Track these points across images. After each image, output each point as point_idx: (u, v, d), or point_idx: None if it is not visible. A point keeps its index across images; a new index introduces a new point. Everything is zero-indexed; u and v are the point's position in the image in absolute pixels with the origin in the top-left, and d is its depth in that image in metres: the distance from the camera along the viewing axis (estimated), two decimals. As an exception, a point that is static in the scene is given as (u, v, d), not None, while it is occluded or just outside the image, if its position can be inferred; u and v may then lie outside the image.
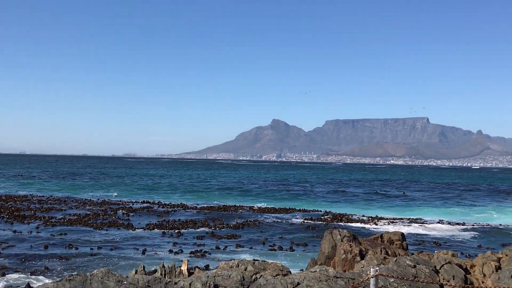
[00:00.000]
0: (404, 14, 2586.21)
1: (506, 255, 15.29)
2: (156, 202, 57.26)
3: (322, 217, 46.88)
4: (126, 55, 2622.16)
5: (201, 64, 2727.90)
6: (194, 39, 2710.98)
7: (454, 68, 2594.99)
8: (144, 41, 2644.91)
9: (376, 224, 42.74)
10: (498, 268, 14.55)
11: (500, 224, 44.90)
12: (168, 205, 54.22)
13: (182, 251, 28.36)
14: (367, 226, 41.63)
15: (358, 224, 42.49)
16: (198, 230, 37.07)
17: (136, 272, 16.28)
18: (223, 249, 29.46)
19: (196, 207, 53.20)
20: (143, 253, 27.57)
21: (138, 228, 37.24)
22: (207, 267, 23.41)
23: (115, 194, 69.69)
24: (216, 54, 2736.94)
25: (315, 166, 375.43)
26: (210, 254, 27.87)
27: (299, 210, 52.37)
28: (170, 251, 28.40)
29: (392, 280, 12.38)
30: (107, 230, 36.09)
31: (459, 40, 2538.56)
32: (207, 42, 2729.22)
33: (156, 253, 27.64)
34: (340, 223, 42.70)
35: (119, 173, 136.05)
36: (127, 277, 14.78)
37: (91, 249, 28.49)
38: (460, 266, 14.54)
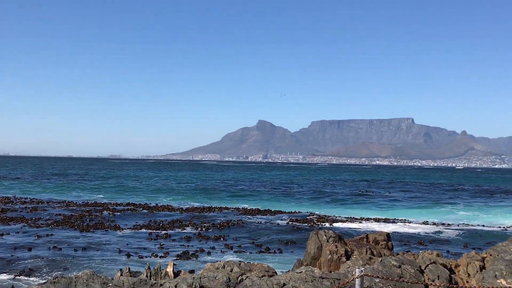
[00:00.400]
0: (389, 13, 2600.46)
1: (490, 255, 15.40)
2: (143, 203, 57.02)
3: (308, 218, 46.95)
4: (110, 55, 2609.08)
5: (187, 65, 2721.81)
6: (180, 39, 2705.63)
7: (439, 68, 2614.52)
8: (129, 40, 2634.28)
9: (362, 224, 42.93)
10: (482, 267, 14.65)
11: (484, 224, 45.28)
12: (154, 206, 54.00)
13: (168, 253, 28.25)
14: (352, 226, 41.77)
15: (344, 225, 42.62)
16: (185, 231, 36.96)
17: (121, 274, 16.20)
18: (210, 251, 29.39)
19: (182, 208, 53.05)
20: (129, 255, 27.43)
21: (124, 230, 37.06)
22: (193, 269, 23.35)
23: (101, 195, 69.31)
24: (201, 55, 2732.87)
25: (301, 167, 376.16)
26: (196, 255, 27.79)
27: (285, 212, 52.41)
28: (156, 253, 28.28)
29: (377, 280, 12.44)
30: (92, 231, 35.88)
31: (444, 40, 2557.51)
32: (192, 42, 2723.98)
33: (142, 255, 27.52)
34: (326, 224, 42.80)
35: (104, 175, 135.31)
36: (112, 279, 14.71)
37: (76, 250, 28.31)
38: (444, 266, 14.63)
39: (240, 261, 16.19)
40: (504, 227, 43.29)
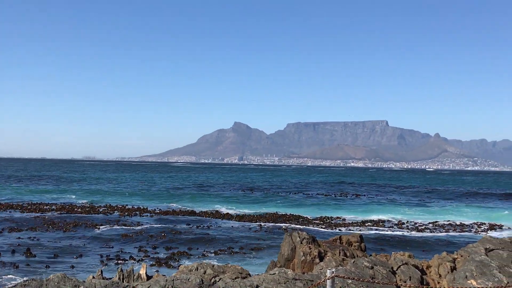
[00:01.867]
0: (363, 18, 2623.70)
1: (461, 256, 15.60)
2: (120, 206, 56.60)
3: (284, 219, 47.07)
4: (83, 55, 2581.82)
5: (162, 66, 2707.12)
6: (155, 41, 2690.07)
7: (413, 72, 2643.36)
8: (102, 41, 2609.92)
9: (336, 226, 43.16)
10: (453, 268, 14.83)
11: (457, 224, 45.90)
12: (130, 209, 53.57)
13: (142, 256, 28.07)
14: (326, 228, 41.99)
15: (318, 227, 42.82)
16: (160, 233, 36.71)
17: (93, 277, 16.03)
18: (186, 254, 29.27)
19: (158, 211, 52.77)
20: (102, 257, 27.18)
21: (97, 232, 36.67)
22: (167, 271, 23.23)
23: (73, 196, 68.59)
24: (177, 56, 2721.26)
25: (277, 169, 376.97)
26: (171, 258, 27.66)
27: (261, 213, 52.49)
28: (130, 256, 28.07)
29: (349, 281, 12.51)
30: (65, 234, 35.44)
31: (417, 45, 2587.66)
32: (168, 43, 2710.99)
33: (115, 258, 27.28)
34: (301, 226, 42.94)
35: (78, 177, 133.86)
36: (84, 281, 14.55)
37: (48, 253, 27.94)
38: (416, 267, 14.78)
39: (213, 263, 16.15)
40: (475, 229, 43.92)
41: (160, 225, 40.79)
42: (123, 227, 39.39)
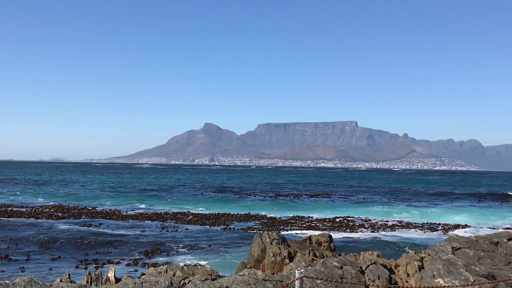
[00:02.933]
0: (332, 20, 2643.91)
1: (429, 255, 15.80)
2: (90, 208, 55.95)
3: (254, 220, 47.09)
4: (52, 56, 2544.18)
5: (132, 67, 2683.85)
6: (123, 41, 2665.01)
7: (381, 72, 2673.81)
8: (71, 41, 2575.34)
9: (306, 226, 43.30)
10: (421, 267, 15.01)
11: (424, 224, 46.48)
12: (100, 212, 52.93)
13: (112, 258, 27.76)
14: (296, 228, 42.11)
15: (288, 227, 42.92)
16: (130, 234, 36.36)
17: (61, 280, 15.78)
18: (156, 256, 29.04)
19: (130, 214, 52.29)
20: (70, 259, 26.79)
21: (66, 233, 36.10)
22: (137, 274, 23.01)
23: (41, 199, 67.50)
24: (147, 57, 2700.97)
25: (247, 170, 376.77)
26: (141, 261, 27.41)
27: (233, 215, 52.40)
28: (99, 255, 27.74)
29: (319, 281, 12.55)
30: (34, 237, 34.81)
31: (385, 47, 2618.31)
32: (138, 45, 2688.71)
33: (83, 260, 26.92)
34: (271, 226, 43.00)
35: (46, 179, 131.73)
36: (51, 285, 14.31)
37: (16, 256, 27.41)
38: (385, 266, 14.91)
39: (183, 264, 16.05)
40: (442, 228, 44.55)
41: (131, 226, 40.44)
42: (93, 228, 38.92)
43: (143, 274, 21.20)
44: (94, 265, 25.55)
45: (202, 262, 26.22)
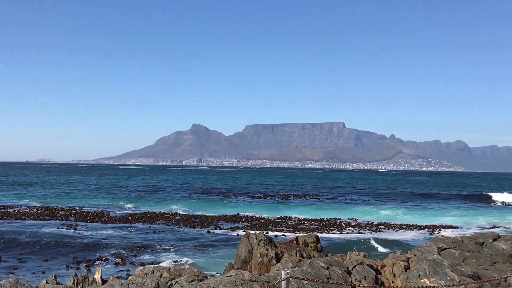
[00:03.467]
0: (320, 21, 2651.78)
1: (415, 255, 15.92)
2: (77, 208, 55.69)
3: (242, 221, 47.08)
4: (38, 53, 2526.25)
5: (120, 67, 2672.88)
6: (110, 43, 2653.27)
7: (369, 74, 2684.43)
8: (56, 42, 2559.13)
9: (293, 226, 43.36)
10: (407, 268, 15.11)
11: (410, 224, 46.73)
12: (87, 213, 52.69)
13: (99, 259, 27.63)
14: (284, 228, 42.16)
15: (276, 227, 42.97)
16: (117, 236, 36.24)
17: (47, 282, 15.70)
18: (143, 257, 28.96)
19: (117, 214, 52.07)
20: (56, 260, 26.63)
21: (52, 235, 35.90)
22: (123, 275, 22.93)
23: (27, 200, 67.06)
24: (134, 58, 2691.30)
25: (235, 171, 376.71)
26: (128, 262, 27.31)
27: (220, 215, 52.38)
28: (85, 257, 27.60)
29: (305, 282, 12.59)
30: (19, 238, 34.56)
31: (372, 48, 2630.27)
32: (124, 45, 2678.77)
33: (69, 262, 26.77)
34: (258, 227, 43.01)
35: (33, 180, 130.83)
36: (37, 287, 14.26)
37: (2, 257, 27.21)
38: (371, 266, 14.99)
39: (170, 266, 16.02)
40: (428, 229, 44.81)
41: (117, 227, 40.31)
42: (79, 228, 38.73)
43: (130, 275, 21.14)
44: (81, 267, 25.43)
45: (189, 263, 26.19)
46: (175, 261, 27.27)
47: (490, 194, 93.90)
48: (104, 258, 27.97)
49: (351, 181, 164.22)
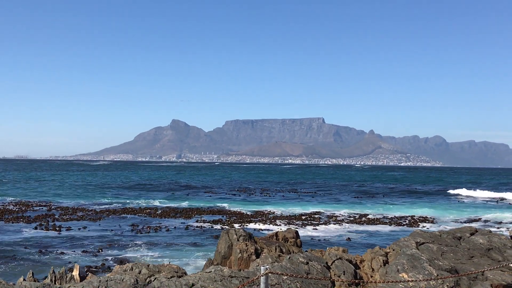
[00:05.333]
0: (299, 18, 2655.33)
1: (393, 250, 16.00)
2: (55, 204, 55.12)
3: (222, 216, 47.02)
4: (17, 51, 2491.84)
5: (99, 63, 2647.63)
6: (90, 38, 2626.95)
7: (348, 70, 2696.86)
8: (34, 37, 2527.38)
9: (273, 222, 43.43)
10: (385, 262, 15.18)
11: (388, 218, 47.09)
12: (66, 208, 52.21)
13: (77, 255, 27.38)
14: (264, 224, 42.20)
15: (255, 223, 42.98)
16: (95, 232, 35.94)
17: (24, 279, 15.49)
18: (121, 252, 28.76)
19: (94, 209, 51.63)
20: (34, 257, 26.32)
21: (29, 231, 35.49)
22: (102, 272, 22.76)
23: (3, 197, 66.28)
24: (113, 53, 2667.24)
25: (215, 166, 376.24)
26: (106, 258, 27.10)
27: (199, 210, 52.27)
28: (63, 254, 27.33)
29: (285, 277, 12.59)
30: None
31: (351, 44, 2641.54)
32: (105, 40, 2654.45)
33: (47, 258, 26.48)
34: (238, 222, 42.98)
35: (9, 177, 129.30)
36: (14, 284, 14.05)
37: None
38: (350, 261, 15.04)
39: (150, 262, 15.92)
40: (407, 223, 45.19)
41: (95, 222, 40.01)
42: (56, 223, 38.32)
43: (109, 272, 20.97)
44: (59, 263, 25.17)
45: (168, 259, 26.07)
46: (154, 257, 27.13)
47: (467, 189, 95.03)
48: (81, 254, 27.73)
49: (331, 177, 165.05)
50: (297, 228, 39.15)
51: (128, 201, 64.02)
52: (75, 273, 16.33)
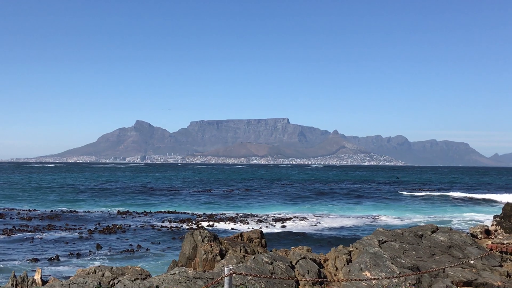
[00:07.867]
0: (265, 18, 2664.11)
1: (356, 248, 16.20)
2: (17, 208, 54.10)
3: (187, 217, 46.84)
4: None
5: (60, 63, 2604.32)
6: (53, 36, 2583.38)
7: (312, 71, 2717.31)
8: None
9: (238, 222, 43.49)
10: (349, 261, 15.36)
11: (351, 218, 47.62)
12: (26, 210, 51.28)
13: (37, 259, 26.89)
14: (229, 224, 42.21)
15: (220, 224, 42.95)
16: (55, 235, 35.36)
17: (-17, 285, 15.18)
18: (83, 256, 28.37)
19: (54, 211, 50.83)
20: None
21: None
22: (64, 276, 22.42)
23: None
24: (76, 53, 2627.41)
25: (179, 167, 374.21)
26: (67, 261, 26.71)
27: (166, 212, 52.00)
28: (24, 259, 26.83)
29: (249, 278, 12.63)
30: None
31: (315, 45, 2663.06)
32: (68, 39, 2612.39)
33: (8, 262, 25.97)
34: (204, 223, 42.89)
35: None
36: (-28, 290, 13.75)
37: None
38: (314, 260, 15.17)
39: (112, 265, 15.76)
40: (370, 222, 45.79)
41: (55, 225, 39.39)
42: (15, 227, 37.59)
43: (71, 276, 20.68)
44: (19, 267, 24.70)
45: (132, 260, 25.85)
46: (117, 259, 26.86)
47: (429, 187, 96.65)
48: (43, 259, 27.27)
49: (295, 177, 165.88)
50: (261, 228, 39.29)
51: (90, 204, 63.22)
52: (37, 277, 16.08)
